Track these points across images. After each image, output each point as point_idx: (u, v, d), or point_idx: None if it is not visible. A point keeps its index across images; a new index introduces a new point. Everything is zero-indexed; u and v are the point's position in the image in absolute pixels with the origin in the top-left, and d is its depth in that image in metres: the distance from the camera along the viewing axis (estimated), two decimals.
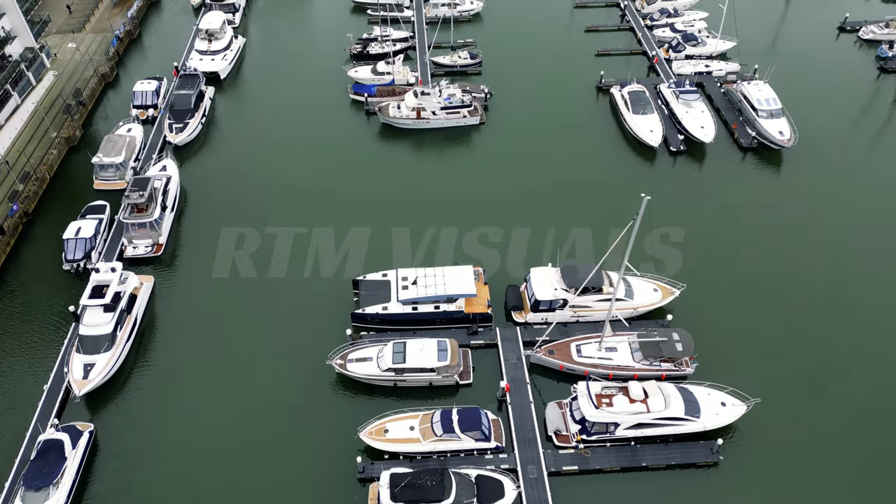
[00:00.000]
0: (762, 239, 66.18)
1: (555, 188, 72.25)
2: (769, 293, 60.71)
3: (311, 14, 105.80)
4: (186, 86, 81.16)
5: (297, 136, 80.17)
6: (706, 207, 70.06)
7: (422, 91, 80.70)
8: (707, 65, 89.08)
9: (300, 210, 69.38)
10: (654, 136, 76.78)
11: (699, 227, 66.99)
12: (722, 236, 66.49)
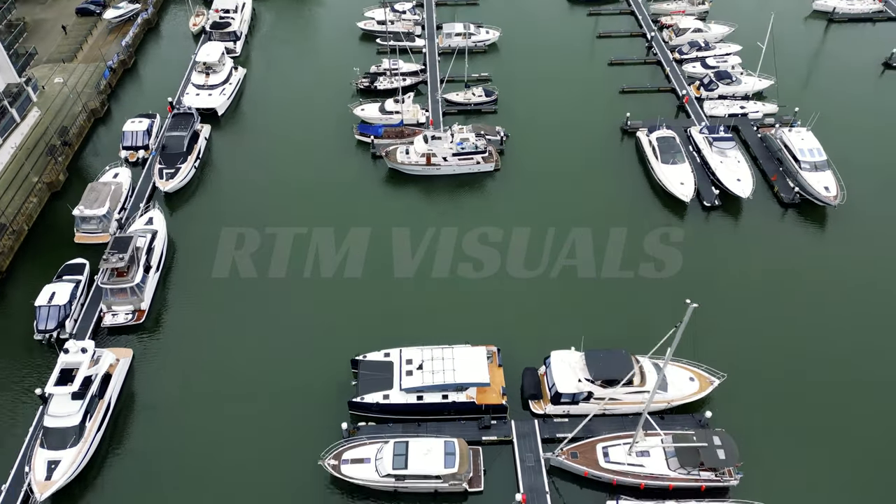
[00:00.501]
0: (813, 312, 59.48)
1: (576, 248, 65.78)
2: (826, 381, 53.92)
3: (318, 41, 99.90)
4: (179, 126, 75.34)
5: (298, 182, 74.06)
6: (744, 273, 63.32)
7: (432, 135, 74.45)
8: (742, 106, 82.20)
9: (298, 269, 63.51)
10: (686, 189, 70.08)
11: (737, 299, 60.40)
12: (765, 309, 59.75)
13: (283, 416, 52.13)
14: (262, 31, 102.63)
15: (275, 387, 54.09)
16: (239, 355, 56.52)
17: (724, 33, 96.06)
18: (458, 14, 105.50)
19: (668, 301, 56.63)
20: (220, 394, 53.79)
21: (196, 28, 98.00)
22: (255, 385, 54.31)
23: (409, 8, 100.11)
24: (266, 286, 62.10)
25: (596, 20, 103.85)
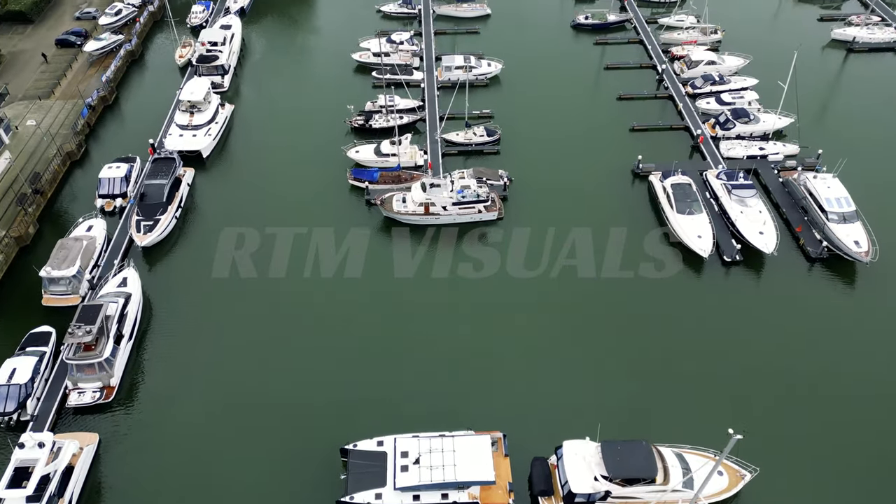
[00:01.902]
0: (853, 385, 54.22)
1: (585, 306, 60.72)
2: (871, 469, 48.57)
3: (310, 74, 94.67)
4: (160, 173, 70.18)
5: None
6: (769, 336, 58.18)
7: (431, 183, 69.31)
8: (762, 147, 77.06)
9: (284, 325, 58.44)
10: (704, 243, 64.81)
11: (764, 369, 55.22)
12: (797, 381, 54.56)
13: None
14: (252, 61, 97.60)
15: (256, 481, 48.75)
16: (213, 441, 51.21)
17: (739, 65, 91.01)
18: (458, 43, 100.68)
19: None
20: (195, 484, 48.46)
21: (182, 60, 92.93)
22: (234, 475, 48.96)
23: (406, 39, 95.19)
24: (243, 362, 57.00)
25: (603, 49, 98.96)
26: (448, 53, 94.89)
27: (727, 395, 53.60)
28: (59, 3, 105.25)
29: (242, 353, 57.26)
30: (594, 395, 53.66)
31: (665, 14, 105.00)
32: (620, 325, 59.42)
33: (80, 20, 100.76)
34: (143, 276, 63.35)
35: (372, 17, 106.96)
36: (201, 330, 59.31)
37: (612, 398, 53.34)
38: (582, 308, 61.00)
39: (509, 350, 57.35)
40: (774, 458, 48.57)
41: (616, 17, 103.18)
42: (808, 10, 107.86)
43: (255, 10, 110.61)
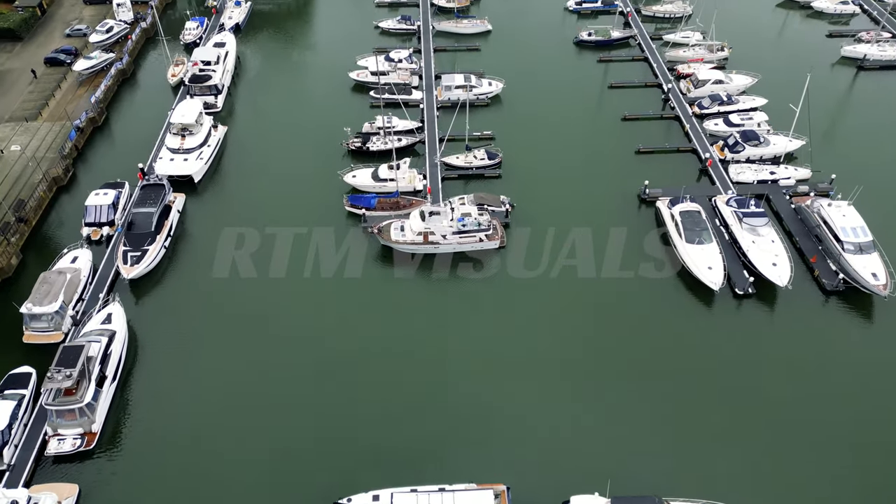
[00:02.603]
0: (879, 431, 51.45)
1: (592, 347, 57.97)
2: None
3: (307, 93, 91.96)
4: (148, 200, 67.59)
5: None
6: (785, 376, 55.42)
7: (430, 211, 66.70)
8: (773, 171, 74.43)
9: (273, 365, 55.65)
10: (714, 275, 62.07)
11: (782, 419, 52.40)
12: (817, 424, 51.77)
13: None
14: (247, 79, 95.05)
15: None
16: (200, 492, 48.42)
17: (747, 84, 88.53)
18: (458, 61, 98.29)
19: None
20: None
21: (175, 79, 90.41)
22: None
23: (405, 56, 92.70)
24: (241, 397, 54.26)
25: (606, 67, 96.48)
26: (448, 72, 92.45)
27: (744, 444, 50.82)
28: (49, 20, 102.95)
29: (231, 395, 54.49)
30: (604, 444, 50.80)
31: (670, 30, 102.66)
32: (631, 367, 56.55)
33: (71, 37, 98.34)
34: (130, 310, 60.76)
35: (370, 34, 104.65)
36: (188, 369, 56.55)
37: (622, 447, 50.51)
38: (590, 350, 58.23)
39: (513, 393, 54.54)
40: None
41: (620, 33, 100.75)
42: (817, 26, 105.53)
43: (250, 26, 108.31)
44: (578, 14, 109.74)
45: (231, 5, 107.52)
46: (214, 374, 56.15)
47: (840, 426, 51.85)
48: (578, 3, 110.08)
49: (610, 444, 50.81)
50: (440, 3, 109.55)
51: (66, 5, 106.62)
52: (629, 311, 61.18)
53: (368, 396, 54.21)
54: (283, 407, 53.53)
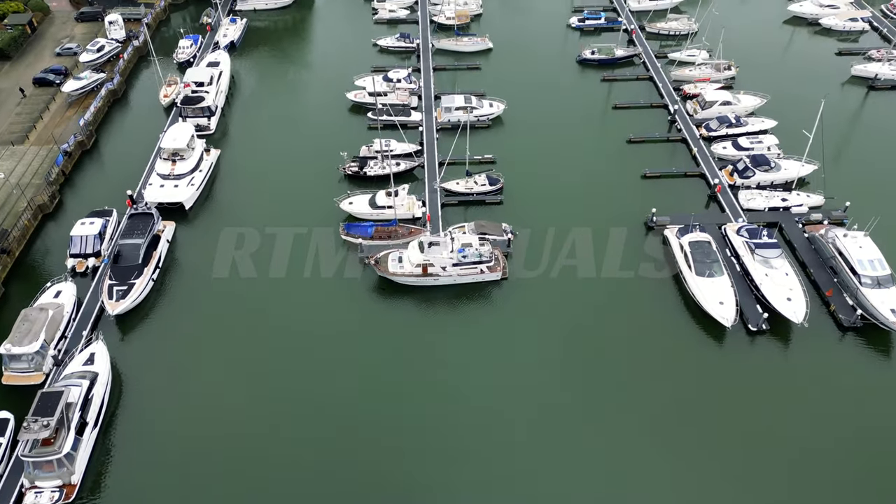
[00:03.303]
0: None
1: (596, 384, 55.29)
2: None
3: (303, 114, 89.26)
4: (136, 231, 64.96)
5: (273, 296, 63.59)
6: (804, 419, 52.72)
7: (430, 242, 64.10)
8: (784, 198, 71.80)
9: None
10: (726, 311, 59.34)
11: (804, 466, 49.67)
12: (841, 472, 49.04)
13: None
14: (241, 100, 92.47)
15: None
16: None
17: (756, 105, 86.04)
18: (458, 80, 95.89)
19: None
20: None
21: (167, 100, 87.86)
22: None
23: (403, 77, 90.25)
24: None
25: (610, 87, 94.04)
26: (448, 92, 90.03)
27: (760, 486, 48.08)
28: (39, 38, 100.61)
29: (220, 437, 51.77)
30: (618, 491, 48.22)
31: (675, 48, 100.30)
32: (640, 409, 53.90)
33: (61, 56, 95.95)
34: (115, 347, 58.11)
35: (368, 51, 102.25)
36: (176, 410, 53.83)
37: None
38: (598, 393, 55.53)
39: (514, 439, 51.91)
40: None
41: (624, 51, 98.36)
42: (825, 44, 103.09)
43: (246, 43, 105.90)
44: (581, 31, 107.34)
45: (226, 23, 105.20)
46: (204, 415, 53.47)
47: (861, 469, 49.22)
48: (581, 20, 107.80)
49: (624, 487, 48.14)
50: (440, 21, 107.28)
51: (57, 23, 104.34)
52: (640, 349, 58.51)
53: (368, 438, 51.52)
54: (279, 454, 50.74)
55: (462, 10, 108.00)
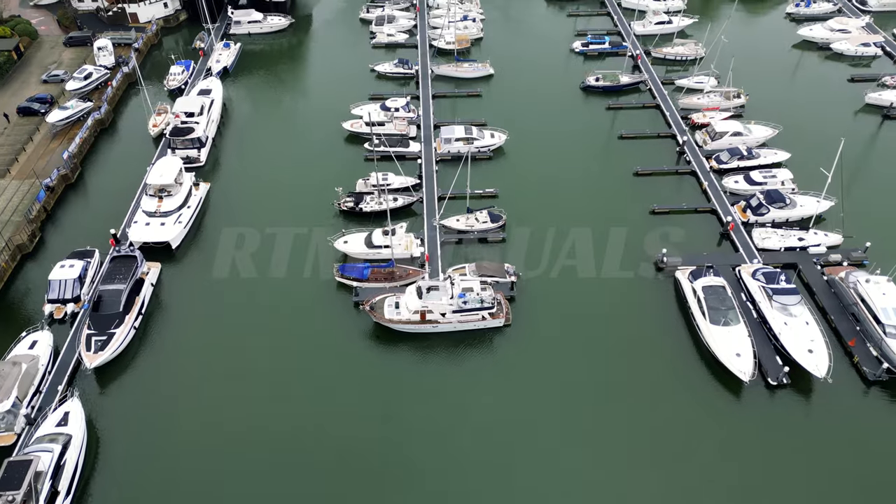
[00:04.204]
0: None
1: (606, 439, 51.59)
2: None
3: (297, 145, 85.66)
4: (118, 275, 61.48)
5: (263, 348, 59.98)
6: (827, 480, 49.06)
7: (428, 287, 60.59)
8: (801, 237, 68.34)
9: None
10: (744, 364, 55.67)
11: None
12: None
13: None
14: (234, 128, 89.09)
15: None
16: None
17: (768, 136, 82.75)
18: (458, 107, 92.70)
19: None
20: None
21: (156, 130, 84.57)
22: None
23: (402, 105, 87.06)
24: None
25: (615, 115, 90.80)
26: (448, 121, 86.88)
27: None
28: (26, 64, 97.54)
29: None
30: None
31: (682, 73, 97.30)
32: (658, 477, 50.23)
33: (48, 83, 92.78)
34: (93, 402, 54.78)
35: (366, 78, 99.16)
36: (156, 472, 50.12)
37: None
38: (608, 446, 51.96)
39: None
40: None
41: (629, 78, 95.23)
42: (837, 69, 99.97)
43: (240, 68, 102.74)
44: (585, 56, 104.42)
45: (219, 47, 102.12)
46: (185, 479, 49.71)
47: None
48: (584, 44, 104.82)
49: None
50: (440, 45, 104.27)
51: (45, 48, 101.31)
52: (654, 404, 54.87)
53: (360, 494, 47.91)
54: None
55: (462, 35, 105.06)
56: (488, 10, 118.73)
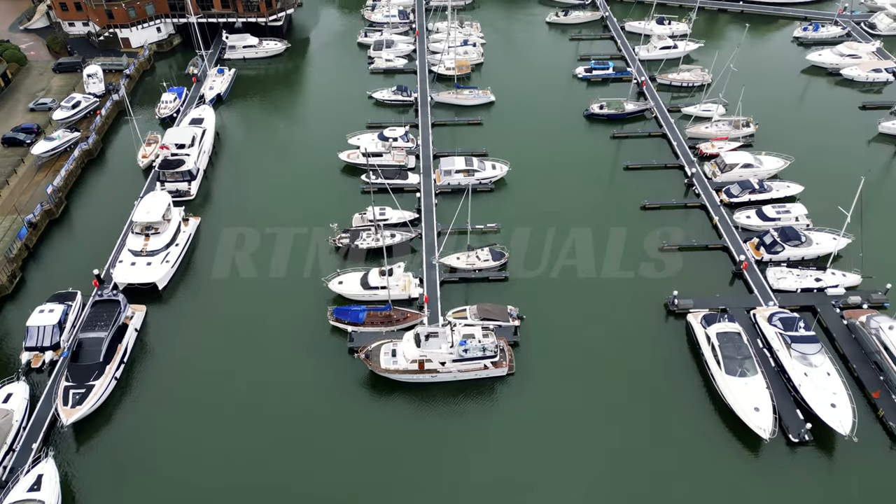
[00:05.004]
0: None
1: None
2: None
3: (292, 175, 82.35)
4: (99, 321, 58.17)
5: (250, 397, 56.68)
6: None
7: (427, 333, 57.35)
8: (818, 278, 65.18)
9: None
10: (763, 419, 52.27)
11: None
12: None
13: None
14: (227, 157, 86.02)
15: None
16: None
17: (779, 168, 79.77)
18: (458, 135, 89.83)
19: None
20: None
21: (146, 161, 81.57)
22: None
23: (400, 135, 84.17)
24: None
25: (620, 144, 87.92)
26: (448, 151, 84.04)
27: None
28: (13, 91, 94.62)
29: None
30: None
31: (689, 100, 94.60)
32: None
33: (35, 112, 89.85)
34: (70, 460, 51.46)
35: (364, 105, 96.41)
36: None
37: None
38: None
39: None
40: None
41: (634, 106, 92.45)
42: (848, 96, 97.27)
43: (234, 94, 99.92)
44: (588, 82, 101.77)
45: (213, 73, 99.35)
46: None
47: None
48: (588, 70, 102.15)
49: None
50: (439, 71, 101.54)
51: (34, 74, 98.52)
52: (667, 460, 51.46)
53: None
54: None
55: (462, 60, 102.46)
56: (489, 33, 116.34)
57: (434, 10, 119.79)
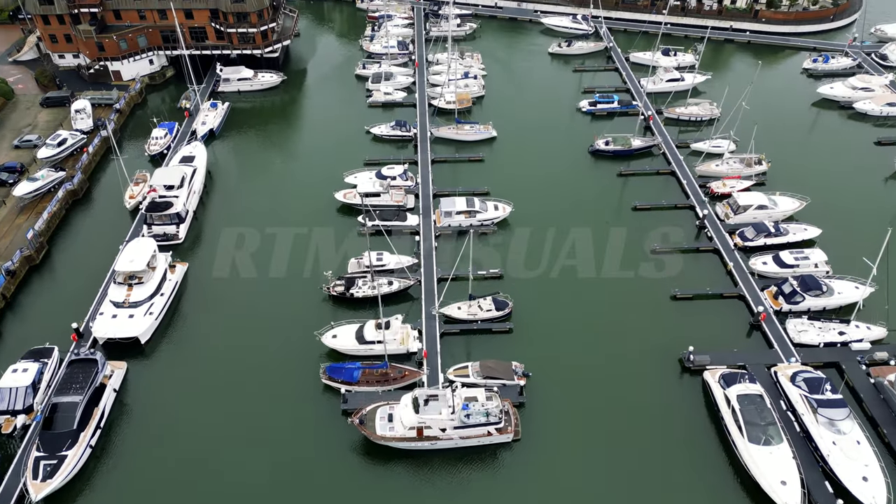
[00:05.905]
0: None
1: None
2: None
3: (286, 214, 78.28)
4: (75, 384, 54.18)
5: (237, 465, 52.65)
6: None
7: (426, 397, 53.43)
8: (842, 331, 61.36)
9: None
10: (791, 496, 48.25)
11: None
12: None
13: None
14: (218, 197, 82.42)
15: None
16: None
17: (795, 209, 76.27)
18: (459, 172, 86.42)
19: None
20: None
21: (132, 202, 78.06)
22: None
23: (399, 174, 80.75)
24: None
25: (627, 182, 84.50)
26: (448, 191, 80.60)
27: None
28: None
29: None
30: None
31: (698, 136, 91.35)
32: None
33: (19, 149, 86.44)
34: None
35: (361, 140, 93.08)
36: None
37: None
38: None
39: None
40: None
41: (642, 142, 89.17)
42: (861, 131, 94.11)
43: (227, 128, 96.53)
44: (592, 116, 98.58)
45: (206, 108, 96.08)
46: None
47: None
48: (592, 103, 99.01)
49: None
50: (439, 105, 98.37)
51: (21, 108, 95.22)
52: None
53: None
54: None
55: (463, 93, 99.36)
56: (490, 64, 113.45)
57: (434, 41, 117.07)
